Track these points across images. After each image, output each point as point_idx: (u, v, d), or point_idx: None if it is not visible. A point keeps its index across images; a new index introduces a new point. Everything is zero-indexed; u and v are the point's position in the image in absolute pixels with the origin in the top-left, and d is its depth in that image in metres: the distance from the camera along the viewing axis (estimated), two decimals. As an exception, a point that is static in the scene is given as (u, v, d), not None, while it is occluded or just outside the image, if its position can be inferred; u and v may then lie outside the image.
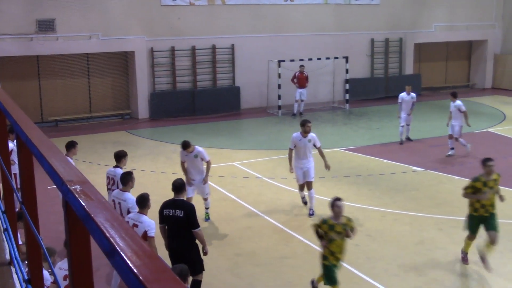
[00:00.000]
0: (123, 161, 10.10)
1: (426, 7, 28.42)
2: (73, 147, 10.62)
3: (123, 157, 10.09)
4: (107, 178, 10.02)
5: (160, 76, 23.48)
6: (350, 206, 12.53)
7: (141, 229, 7.68)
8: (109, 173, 9.94)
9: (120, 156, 10.11)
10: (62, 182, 2.09)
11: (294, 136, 11.96)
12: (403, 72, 28.39)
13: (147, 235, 7.68)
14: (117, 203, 8.67)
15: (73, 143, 10.69)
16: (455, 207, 12.34)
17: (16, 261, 3.80)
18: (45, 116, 22.24)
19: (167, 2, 23.12)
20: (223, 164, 15.90)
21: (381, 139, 19.12)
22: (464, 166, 15.54)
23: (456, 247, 10.20)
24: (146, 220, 7.80)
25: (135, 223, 7.76)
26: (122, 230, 1.64)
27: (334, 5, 26.28)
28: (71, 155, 10.53)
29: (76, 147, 10.71)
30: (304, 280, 9.16)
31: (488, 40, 30.08)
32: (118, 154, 10.15)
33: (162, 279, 1.40)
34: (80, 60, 22.70)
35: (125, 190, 8.74)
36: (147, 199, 8.00)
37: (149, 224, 7.75)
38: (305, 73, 23.49)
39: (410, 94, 18.20)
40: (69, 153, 10.53)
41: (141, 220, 7.77)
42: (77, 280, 2.08)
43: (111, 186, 9.81)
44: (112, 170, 9.95)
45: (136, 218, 7.83)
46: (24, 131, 3.03)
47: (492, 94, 28.64)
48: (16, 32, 20.73)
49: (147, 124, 22.61)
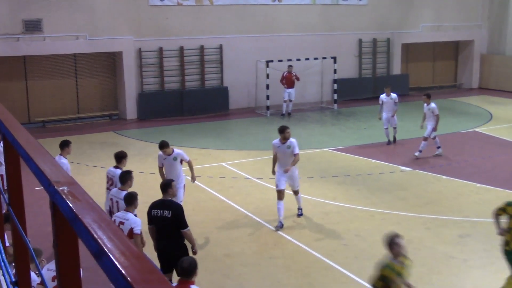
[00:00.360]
0: (124, 161, 10.05)
1: (413, 8, 28.57)
2: (67, 146, 10.60)
3: (123, 158, 10.05)
4: (107, 177, 10.06)
5: (148, 76, 23.41)
6: (339, 206, 12.57)
7: (127, 227, 7.77)
8: (109, 173, 9.94)
9: (121, 157, 10.11)
10: (49, 183, 2.08)
11: (274, 143, 11.46)
12: (391, 72, 28.52)
13: (133, 232, 7.75)
14: (115, 202, 8.73)
15: (66, 142, 10.67)
16: (443, 206, 12.43)
17: (3, 263, 3.77)
18: (32, 117, 22.10)
19: (155, 2, 23.06)
20: (212, 165, 15.89)
21: (369, 139, 19.19)
22: (451, 166, 15.64)
23: (443, 246, 10.27)
24: (132, 217, 7.89)
25: (121, 220, 7.85)
26: (110, 231, 1.64)
27: (322, 6, 26.34)
28: (65, 154, 10.51)
29: (70, 146, 10.68)
30: (293, 280, 9.18)
31: (474, 40, 30.29)
32: (119, 154, 10.12)
33: (150, 280, 1.40)
34: (67, 60, 22.58)
35: (123, 189, 8.77)
36: (134, 197, 8.09)
37: (134, 221, 7.84)
38: (293, 73, 23.49)
39: (390, 95, 18.37)
40: (63, 152, 10.51)
41: (127, 218, 7.87)
42: (64, 281, 2.07)
43: (110, 186, 9.80)
44: (112, 171, 9.96)
45: (122, 216, 7.93)
46: (11, 132, 3.01)
47: (479, 94, 28.85)
48: (3, 32, 20.57)
49: (135, 124, 22.53)
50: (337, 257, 9.89)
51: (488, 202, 12.60)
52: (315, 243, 10.49)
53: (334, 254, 10.01)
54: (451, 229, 11.11)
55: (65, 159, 10.47)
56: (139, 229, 7.83)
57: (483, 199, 12.81)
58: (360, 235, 10.86)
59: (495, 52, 30.43)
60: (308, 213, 12.12)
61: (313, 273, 9.34)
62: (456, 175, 14.73)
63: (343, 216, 11.97)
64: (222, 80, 24.67)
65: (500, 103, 25.99)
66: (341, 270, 9.39)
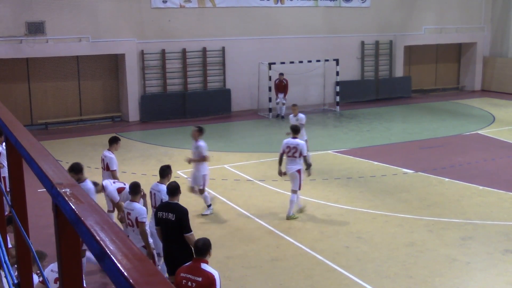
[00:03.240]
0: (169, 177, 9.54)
1: (416, 10, 28.56)
2: (115, 143, 10.94)
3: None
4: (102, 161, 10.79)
5: (151, 78, 23.43)
6: (341, 208, 12.56)
7: (133, 216, 8.29)
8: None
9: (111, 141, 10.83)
10: (52, 185, 2.08)
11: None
12: (393, 74, 28.50)
13: (138, 220, 8.27)
14: (153, 194, 9.22)
15: (115, 139, 11.07)
16: (445, 209, 12.41)
17: (5, 265, 3.77)
18: (35, 119, 22.13)
19: (158, 5, 23.09)
20: (214, 167, 15.88)
21: (371, 142, 19.18)
22: (454, 168, 15.62)
23: (445, 249, 10.26)
24: (137, 207, 8.36)
25: (128, 211, 8.39)
26: (113, 233, 1.64)
27: (324, 8, 26.35)
28: (113, 149, 10.87)
29: (119, 143, 11.05)
30: (295, 282, 9.17)
31: (477, 42, 30.27)
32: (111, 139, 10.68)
33: (152, 282, 1.40)
34: (70, 62, 22.61)
35: (162, 182, 9.22)
36: (138, 186, 8.58)
37: (139, 210, 8.31)
38: (284, 82, 23.58)
39: (297, 115, 15.37)
40: (111, 148, 10.89)
41: (133, 207, 8.34)
42: (67, 283, 2.07)
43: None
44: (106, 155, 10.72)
45: (128, 206, 8.44)
46: (13, 134, 3.02)
47: (482, 96, 28.82)
48: (6, 34, 20.62)
49: (137, 126, 22.55)
50: (339, 260, 9.88)
51: (490, 205, 12.59)
52: (317, 246, 10.48)
53: (336, 257, 10.00)
54: (453, 231, 11.09)
55: (113, 154, 10.83)
56: (144, 218, 8.25)
57: (485, 202, 12.79)
58: (362, 238, 10.85)
59: (498, 54, 30.40)
60: (310, 215, 12.11)
61: (315, 276, 9.33)
62: (459, 177, 14.71)
63: (345, 218, 11.96)
64: (224, 82, 24.68)
65: (503, 105, 25.96)
66: (343, 273, 9.37)
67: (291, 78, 24.72)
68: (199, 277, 6.20)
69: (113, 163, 10.70)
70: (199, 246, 6.42)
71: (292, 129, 12.00)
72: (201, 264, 6.30)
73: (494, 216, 11.87)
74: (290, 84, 24.39)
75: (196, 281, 6.19)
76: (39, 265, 2.80)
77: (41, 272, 3.89)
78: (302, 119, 15.10)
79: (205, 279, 6.19)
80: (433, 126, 21.60)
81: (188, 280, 6.20)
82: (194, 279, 6.20)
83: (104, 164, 10.81)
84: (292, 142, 11.78)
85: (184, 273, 6.28)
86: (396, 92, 28.17)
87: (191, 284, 6.19)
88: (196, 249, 6.45)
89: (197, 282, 6.18)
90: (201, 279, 6.19)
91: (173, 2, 23.33)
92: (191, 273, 6.24)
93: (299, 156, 11.63)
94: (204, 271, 6.24)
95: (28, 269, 3.34)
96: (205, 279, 6.19)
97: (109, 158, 10.74)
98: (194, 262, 6.37)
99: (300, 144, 11.68)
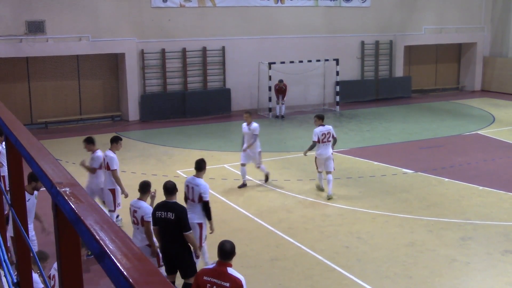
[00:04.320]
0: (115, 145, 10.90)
1: (416, 10, 28.56)
2: (116, 142, 10.96)
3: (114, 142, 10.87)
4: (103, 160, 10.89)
5: (151, 78, 23.43)
6: (341, 208, 12.56)
7: (139, 214, 8.35)
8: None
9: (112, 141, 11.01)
10: (51, 185, 2.08)
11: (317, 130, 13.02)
12: (393, 74, 28.51)
13: (143, 220, 8.31)
14: (191, 188, 9.24)
15: (116, 138, 11.12)
16: (445, 209, 12.41)
17: (5, 263, 3.77)
18: (34, 118, 22.12)
19: (158, 4, 23.09)
20: (214, 166, 15.88)
21: (371, 142, 19.18)
22: (454, 168, 15.62)
23: (445, 249, 10.26)
24: (143, 205, 8.40)
25: (135, 209, 8.45)
26: (112, 233, 1.64)
27: (325, 8, 26.35)
28: (113, 149, 10.89)
29: (119, 143, 11.04)
30: (295, 282, 9.17)
31: (477, 42, 30.27)
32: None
33: (151, 281, 1.40)
34: (70, 62, 22.61)
35: (199, 176, 9.29)
36: (148, 185, 8.64)
37: (145, 209, 8.34)
38: (283, 87, 23.62)
39: (250, 124, 13.84)
40: (112, 147, 10.91)
41: (139, 206, 8.41)
42: (67, 282, 2.07)
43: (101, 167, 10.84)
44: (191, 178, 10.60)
45: (135, 204, 8.49)
46: (13, 133, 3.01)
47: (482, 97, 28.83)
48: (5, 33, 20.61)
49: (137, 126, 22.55)
50: (339, 260, 9.88)
51: (490, 205, 12.59)
52: (317, 245, 10.48)
53: (336, 257, 10.00)
54: (453, 231, 11.09)
55: (114, 153, 10.83)
56: (149, 217, 8.24)
57: (485, 202, 12.79)
58: (362, 238, 10.84)
59: (498, 54, 30.41)
60: (310, 215, 12.11)
61: (315, 276, 9.33)
62: (459, 177, 14.71)
63: (345, 218, 11.96)
64: (224, 81, 24.68)
65: (503, 106, 25.96)
66: (343, 273, 9.37)
67: (291, 78, 24.73)
68: (226, 282, 5.93)
69: (113, 163, 10.71)
70: (226, 249, 6.08)
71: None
72: (227, 268, 6.02)
73: (494, 216, 11.87)
74: (290, 84, 24.40)
75: (223, 286, 5.92)
76: (39, 266, 2.79)
77: (41, 273, 3.88)
78: (256, 129, 13.77)
79: (233, 284, 5.91)
80: (433, 126, 21.61)
81: (214, 284, 5.94)
82: (221, 284, 5.93)
83: (105, 164, 10.81)
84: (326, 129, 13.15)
85: (209, 276, 5.99)
86: (396, 92, 28.18)
87: None
88: (223, 252, 6.07)
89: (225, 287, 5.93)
90: (229, 284, 5.91)
91: (173, 2, 23.32)
92: (217, 278, 5.96)
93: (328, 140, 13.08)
94: (231, 276, 5.97)
95: (27, 268, 3.34)
96: (233, 284, 5.91)
97: (110, 158, 10.74)
98: (220, 265, 6.02)
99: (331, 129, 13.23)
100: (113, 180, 10.74)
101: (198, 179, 9.19)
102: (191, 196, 9.19)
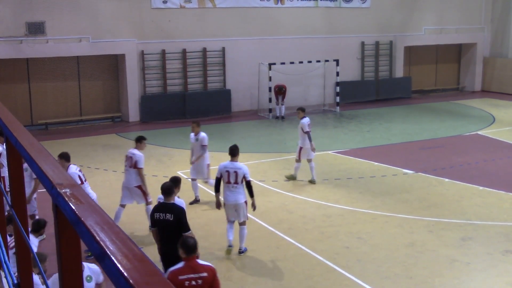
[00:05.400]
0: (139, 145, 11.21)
1: (416, 11, 28.57)
2: (140, 142, 11.20)
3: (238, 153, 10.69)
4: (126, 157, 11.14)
5: (151, 79, 23.43)
6: (341, 209, 12.56)
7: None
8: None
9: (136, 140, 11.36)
10: (52, 186, 2.08)
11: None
12: (394, 75, 28.51)
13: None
14: (233, 172, 9.84)
15: (142, 138, 11.34)
16: (445, 209, 12.41)
17: (5, 265, 3.78)
18: (35, 119, 22.13)
19: (158, 5, 23.10)
20: (214, 167, 15.86)
21: (371, 142, 19.18)
22: (454, 169, 15.62)
23: (445, 249, 10.26)
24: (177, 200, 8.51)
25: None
26: (113, 234, 1.64)
27: (325, 8, 26.36)
28: (139, 148, 11.12)
29: (143, 142, 11.24)
30: (295, 282, 9.17)
31: (477, 43, 30.28)
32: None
33: (152, 282, 1.40)
34: (70, 63, 22.61)
35: (235, 161, 10.01)
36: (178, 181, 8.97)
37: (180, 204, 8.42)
38: (283, 89, 23.64)
39: (198, 133, 13.23)
40: (138, 147, 11.14)
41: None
42: (67, 283, 2.08)
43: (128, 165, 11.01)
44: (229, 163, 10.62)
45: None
46: (13, 134, 3.02)
47: (482, 97, 28.83)
48: (6, 34, 20.62)
49: (137, 127, 22.54)
50: (339, 260, 9.88)
51: (490, 205, 12.59)
52: (317, 246, 10.48)
53: (336, 257, 10.00)
54: (453, 232, 11.09)
55: (139, 152, 11.04)
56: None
57: (485, 202, 12.79)
58: (362, 238, 10.85)
59: (498, 55, 30.41)
60: (310, 216, 12.11)
61: (315, 276, 9.34)
62: (459, 178, 14.71)
63: (345, 218, 11.96)
64: (224, 82, 24.69)
65: (503, 106, 25.96)
66: (343, 273, 9.37)
67: (291, 78, 24.74)
68: (202, 272, 6.26)
69: (141, 161, 10.93)
70: (191, 244, 6.38)
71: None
72: (197, 260, 6.37)
73: (494, 216, 11.87)
74: (290, 84, 24.41)
75: (202, 277, 6.23)
76: (40, 267, 2.80)
77: (42, 273, 3.88)
78: (204, 140, 12.95)
79: (209, 272, 6.30)
80: (433, 127, 21.60)
81: (192, 279, 6.18)
82: (200, 276, 6.23)
83: (132, 162, 10.92)
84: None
85: (183, 275, 6.19)
86: (396, 93, 28.18)
87: (197, 282, 6.21)
88: (188, 248, 6.36)
89: (204, 278, 6.23)
90: (206, 274, 6.26)
91: (173, 3, 23.33)
92: (193, 272, 6.22)
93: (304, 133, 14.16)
94: (204, 266, 6.37)
95: (28, 269, 3.34)
96: (209, 272, 6.29)
97: (139, 156, 10.93)
98: (189, 261, 6.30)
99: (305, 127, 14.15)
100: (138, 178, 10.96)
101: (237, 163, 9.97)
102: (234, 179, 9.86)
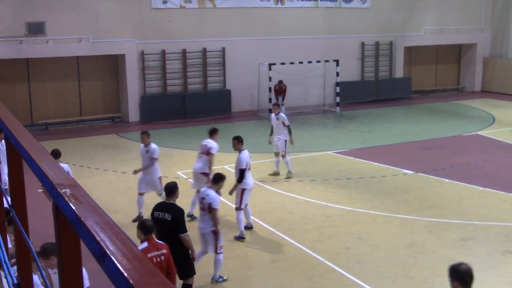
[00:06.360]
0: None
1: (416, 11, 28.57)
2: (214, 133, 12.25)
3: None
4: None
5: (151, 79, 23.44)
6: (341, 209, 12.56)
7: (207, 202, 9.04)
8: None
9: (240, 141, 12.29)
10: (52, 186, 2.08)
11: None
12: (394, 75, 28.51)
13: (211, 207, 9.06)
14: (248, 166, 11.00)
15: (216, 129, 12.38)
16: (445, 209, 12.40)
17: (5, 265, 3.77)
18: (35, 119, 22.13)
19: (158, 5, 23.10)
20: (214, 167, 15.86)
21: (371, 142, 19.18)
22: (454, 169, 15.62)
23: (445, 249, 10.25)
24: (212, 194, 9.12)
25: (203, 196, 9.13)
26: (113, 234, 1.64)
27: (325, 9, 26.36)
28: (214, 139, 12.15)
29: (217, 133, 12.31)
30: (295, 283, 9.17)
31: (477, 43, 30.28)
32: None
33: (152, 282, 1.40)
34: (70, 63, 22.62)
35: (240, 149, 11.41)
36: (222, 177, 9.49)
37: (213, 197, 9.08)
38: (283, 88, 23.62)
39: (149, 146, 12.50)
40: (212, 137, 12.16)
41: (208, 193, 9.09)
42: (67, 283, 2.07)
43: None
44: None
45: (204, 192, 9.23)
46: (13, 134, 3.02)
47: (482, 97, 28.83)
48: (6, 35, 20.62)
49: (137, 127, 22.53)
50: (339, 260, 9.88)
51: (490, 205, 12.59)
52: (317, 246, 10.48)
53: (336, 257, 10.00)
54: (453, 232, 11.09)
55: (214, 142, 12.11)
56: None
57: (485, 203, 12.79)
58: (362, 238, 10.85)
59: (498, 55, 30.41)
60: (310, 216, 12.11)
61: (315, 276, 9.34)
62: (459, 178, 14.71)
63: (345, 219, 11.96)
64: (224, 83, 24.69)
65: (503, 106, 25.96)
66: (343, 273, 9.37)
67: (291, 79, 24.74)
68: (162, 249, 7.05)
69: (214, 149, 12.06)
70: (148, 225, 7.05)
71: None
72: (155, 239, 7.19)
73: (494, 217, 11.87)
74: (290, 84, 24.42)
75: (163, 254, 7.02)
76: (39, 267, 2.80)
77: (41, 274, 3.88)
78: (154, 152, 12.23)
79: (167, 249, 7.09)
80: (433, 127, 21.60)
81: (156, 256, 6.92)
82: (162, 253, 7.02)
83: (205, 150, 11.99)
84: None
85: (150, 252, 6.85)
86: (396, 93, 28.18)
87: (160, 258, 6.97)
88: (147, 229, 7.01)
89: (165, 254, 7.04)
90: (165, 250, 7.05)
91: (173, 3, 23.34)
92: (155, 250, 6.97)
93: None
94: (160, 244, 7.14)
95: (28, 269, 3.34)
96: (166, 249, 7.08)
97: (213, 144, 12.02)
98: (150, 240, 7.03)
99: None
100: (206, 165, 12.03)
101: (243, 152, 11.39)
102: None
